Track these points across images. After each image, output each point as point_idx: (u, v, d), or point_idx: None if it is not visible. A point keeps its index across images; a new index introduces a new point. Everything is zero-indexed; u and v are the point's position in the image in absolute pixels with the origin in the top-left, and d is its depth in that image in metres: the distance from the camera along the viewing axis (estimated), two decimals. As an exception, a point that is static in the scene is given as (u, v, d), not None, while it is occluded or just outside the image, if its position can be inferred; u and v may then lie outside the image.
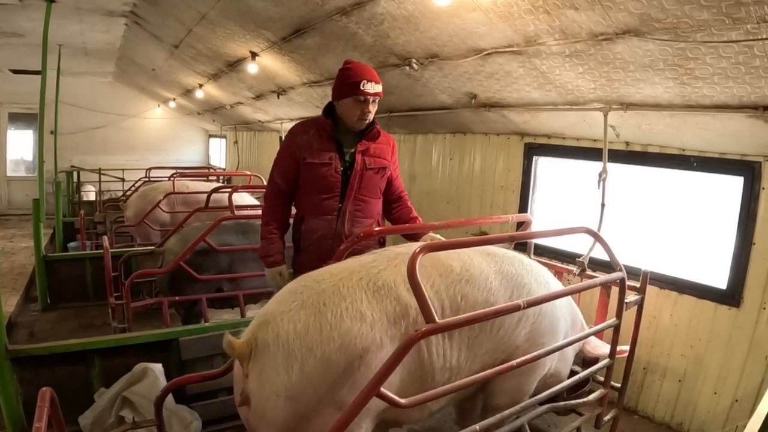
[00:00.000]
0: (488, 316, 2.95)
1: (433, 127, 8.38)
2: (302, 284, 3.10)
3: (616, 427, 4.41)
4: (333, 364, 2.76)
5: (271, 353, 2.79)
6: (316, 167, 4.12)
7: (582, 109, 5.32)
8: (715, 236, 5.15)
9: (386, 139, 4.37)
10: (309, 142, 4.16)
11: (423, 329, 2.48)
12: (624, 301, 3.97)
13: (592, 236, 4.00)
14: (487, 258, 3.62)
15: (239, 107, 13.49)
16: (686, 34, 3.68)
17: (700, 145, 5.05)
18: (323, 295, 2.95)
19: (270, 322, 2.88)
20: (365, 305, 2.95)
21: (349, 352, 2.79)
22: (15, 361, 4.52)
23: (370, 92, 4.03)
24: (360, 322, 2.87)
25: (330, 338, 2.79)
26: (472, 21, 4.74)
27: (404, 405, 2.59)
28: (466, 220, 5.38)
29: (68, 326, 7.52)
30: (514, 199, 7.15)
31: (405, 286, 3.01)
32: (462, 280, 3.36)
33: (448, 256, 3.45)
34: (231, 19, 7.49)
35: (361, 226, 4.22)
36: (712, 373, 5.05)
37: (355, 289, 3.00)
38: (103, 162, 16.65)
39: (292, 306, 2.92)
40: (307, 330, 2.80)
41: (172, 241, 6.71)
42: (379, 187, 4.32)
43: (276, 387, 2.75)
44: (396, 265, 3.21)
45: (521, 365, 3.20)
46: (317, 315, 2.86)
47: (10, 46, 11.77)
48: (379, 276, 3.12)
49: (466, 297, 3.31)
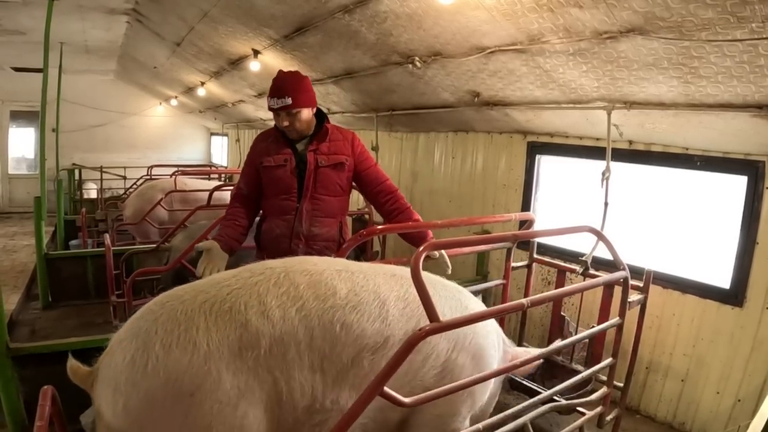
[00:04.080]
0: (493, 314, 2.88)
1: (435, 125, 8.37)
2: (150, 307, 2.73)
3: (618, 427, 4.41)
4: (158, 403, 2.46)
5: (103, 386, 2.55)
6: (273, 170, 4.26)
7: (585, 107, 5.30)
8: (719, 236, 5.14)
9: (341, 135, 4.37)
10: (267, 148, 4.32)
11: (427, 328, 2.41)
12: (627, 301, 3.96)
13: (595, 235, 4.00)
14: (390, 281, 3.07)
15: (241, 105, 13.48)
16: (691, 32, 3.66)
17: (703, 144, 5.04)
18: (157, 322, 2.59)
19: (109, 352, 2.63)
20: (201, 333, 2.55)
21: (176, 389, 2.46)
22: (16, 359, 4.53)
23: (275, 108, 4.11)
24: (191, 354, 2.50)
25: (155, 373, 2.46)
26: (475, 19, 4.73)
27: (408, 404, 2.51)
28: (468, 219, 5.38)
29: (69, 324, 7.52)
30: (516, 198, 7.14)
31: (259, 309, 2.68)
32: (346, 305, 2.86)
33: (336, 277, 2.97)
34: (233, 17, 7.48)
35: (320, 224, 4.27)
36: (715, 373, 5.05)
37: (193, 314, 2.61)
38: (105, 160, 16.64)
39: (131, 333, 2.61)
40: (134, 363, 2.48)
41: (179, 238, 6.73)
42: (339, 185, 4.31)
43: (105, 423, 2.54)
44: (255, 284, 2.79)
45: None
46: (145, 345, 2.51)
47: (11, 44, 11.78)
48: (228, 298, 2.71)
49: (347, 326, 2.82)
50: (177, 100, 17.83)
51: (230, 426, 2.51)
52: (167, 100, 19.00)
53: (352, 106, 9.10)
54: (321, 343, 2.76)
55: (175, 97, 17.48)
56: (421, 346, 2.82)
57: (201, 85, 13.04)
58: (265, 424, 2.66)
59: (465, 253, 5.21)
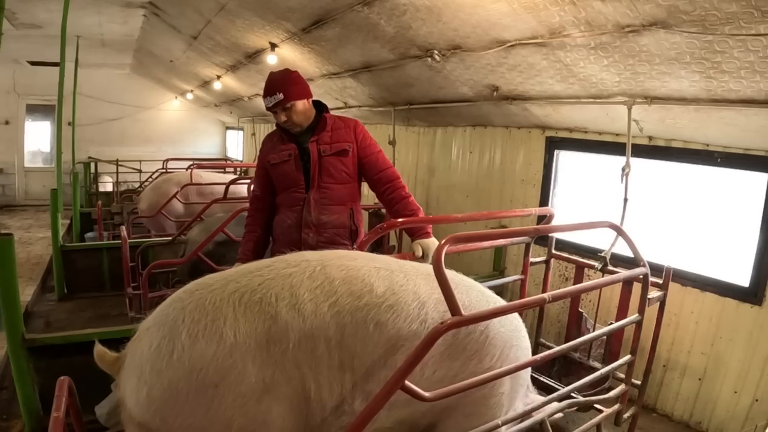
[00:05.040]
0: (515, 309, 2.86)
1: (453, 120, 8.34)
2: (179, 295, 2.74)
3: (635, 425, 4.39)
4: (181, 393, 2.44)
5: (129, 373, 2.56)
6: (279, 166, 4.41)
7: (605, 102, 5.25)
8: (738, 233, 5.09)
9: (343, 123, 4.45)
10: (273, 147, 4.50)
11: (449, 321, 2.40)
12: (647, 297, 3.94)
13: (615, 231, 3.98)
14: (432, 282, 2.78)
15: (257, 99, 13.33)
16: (714, 26, 3.61)
17: (724, 140, 4.99)
18: (185, 311, 2.58)
19: (136, 339, 2.63)
20: (228, 324, 2.53)
21: (200, 380, 2.44)
22: (32, 350, 4.56)
23: (270, 106, 4.26)
24: (216, 345, 2.48)
25: (180, 362, 2.45)
26: (496, 12, 4.69)
27: (429, 398, 2.49)
28: (489, 213, 5.33)
29: (84, 316, 7.60)
30: (534, 194, 7.11)
31: (291, 301, 2.64)
32: (382, 304, 2.80)
33: (374, 275, 2.91)
34: (250, 10, 7.47)
35: (329, 212, 4.32)
36: (733, 372, 5.01)
37: (222, 304, 2.59)
38: (120, 154, 16.80)
39: (158, 321, 2.62)
40: (160, 351, 2.48)
41: (195, 231, 6.76)
42: (345, 172, 4.37)
43: (129, 411, 2.53)
44: (289, 275, 2.75)
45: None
46: (172, 334, 2.51)
47: (28, 38, 11.82)
48: (259, 288, 2.67)
49: (381, 325, 2.76)
50: (192, 93, 17.86)
51: (252, 420, 2.49)
52: (183, 94, 19.09)
53: (370, 100, 9.07)
54: (352, 341, 2.71)
55: (191, 90, 17.51)
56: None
57: (217, 79, 13.04)
58: (291, 422, 2.62)
59: (483, 248, 5.20)
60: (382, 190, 4.42)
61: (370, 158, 4.41)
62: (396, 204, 4.34)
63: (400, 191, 4.36)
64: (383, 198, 4.44)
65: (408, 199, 4.34)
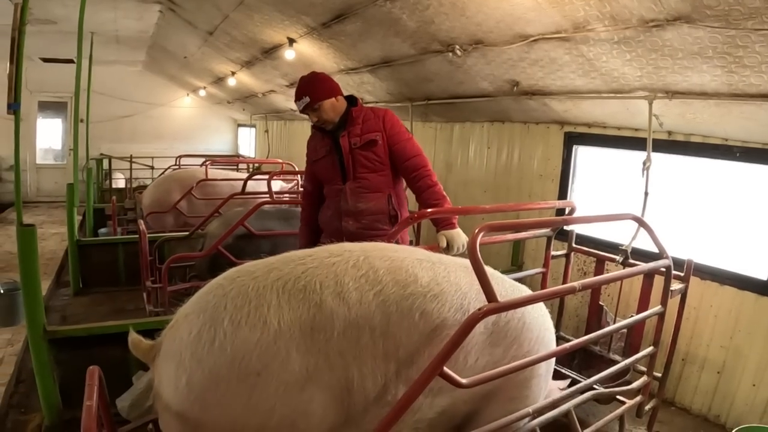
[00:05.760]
0: (548, 296, 2.88)
1: (471, 115, 8.36)
2: (219, 282, 2.72)
3: (655, 418, 4.41)
4: (223, 380, 2.41)
5: (166, 361, 2.54)
6: (319, 162, 4.72)
7: (626, 97, 5.27)
8: (757, 227, 5.12)
9: (372, 114, 4.56)
10: (313, 146, 4.79)
11: (486, 308, 2.42)
12: (669, 289, 3.96)
13: (638, 223, 4.02)
14: (471, 274, 2.73)
15: (271, 95, 13.49)
16: (737, 21, 3.64)
17: (743, 135, 5.01)
18: (227, 297, 2.55)
19: (174, 325, 2.62)
20: (272, 311, 2.50)
21: (242, 367, 2.41)
22: (52, 343, 4.57)
23: (300, 110, 4.52)
24: (260, 332, 2.45)
25: (222, 349, 2.41)
26: (520, 6, 4.72)
27: (466, 385, 2.51)
28: (515, 205, 5.39)
29: (100, 311, 7.62)
30: (553, 189, 7.12)
31: (335, 290, 2.62)
32: (427, 294, 2.81)
33: (417, 266, 2.92)
34: (270, 5, 7.48)
35: (366, 199, 4.49)
36: (752, 366, 5.03)
37: (265, 291, 2.56)
38: (132, 150, 16.83)
39: (198, 307, 2.59)
40: (200, 338, 2.45)
41: (214, 224, 6.77)
42: (377, 161, 4.48)
43: (166, 400, 2.51)
44: (333, 264, 2.74)
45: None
46: (213, 320, 2.48)
47: (41, 34, 11.83)
48: (303, 276, 2.64)
49: (427, 315, 2.76)
50: (205, 90, 17.88)
51: (294, 409, 2.47)
52: (195, 90, 19.11)
53: (387, 96, 9.08)
54: (397, 330, 2.70)
55: (204, 87, 17.54)
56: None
57: (231, 75, 13.07)
58: (332, 412, 2.60)
59: (501, 241, 5.23)
60: (410, 177, 4.47)
61: (398, 146, 4.46)
62: (422, 192, 4.38)
63: (426, 180, 4.38)
64: (412, 186, 4.49)
65: (434, 188, 4.35)
